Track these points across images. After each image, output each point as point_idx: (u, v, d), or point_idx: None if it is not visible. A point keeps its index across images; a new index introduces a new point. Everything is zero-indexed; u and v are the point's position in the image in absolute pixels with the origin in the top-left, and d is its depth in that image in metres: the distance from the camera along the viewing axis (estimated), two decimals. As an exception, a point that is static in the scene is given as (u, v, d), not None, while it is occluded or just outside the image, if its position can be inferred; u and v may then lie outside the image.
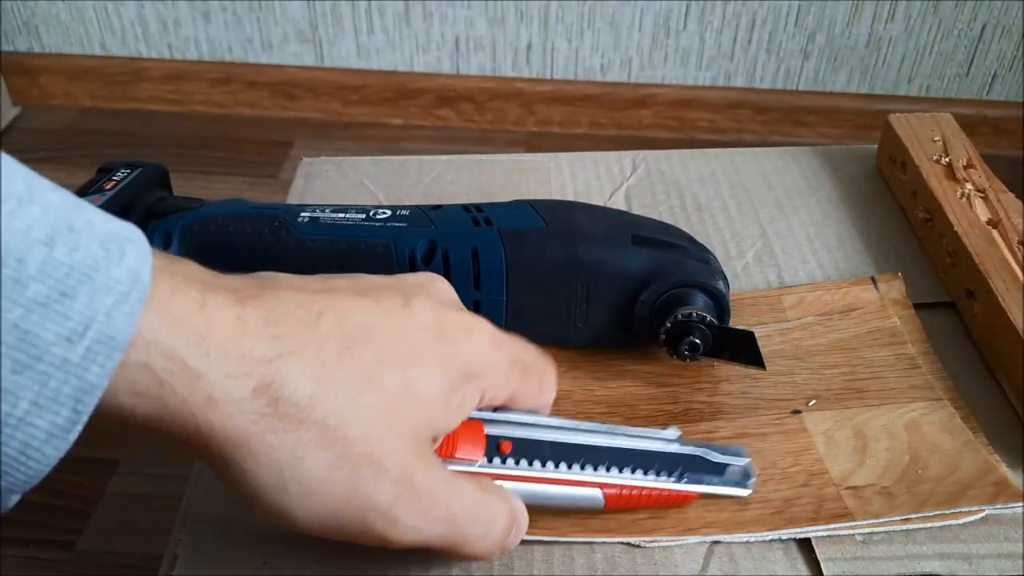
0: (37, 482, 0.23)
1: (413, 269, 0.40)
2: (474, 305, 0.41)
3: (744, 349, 0.39)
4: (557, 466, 0.33)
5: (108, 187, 0.43)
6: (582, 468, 0.34)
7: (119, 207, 0.42)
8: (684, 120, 1.37)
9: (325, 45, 1.38)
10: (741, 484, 0.35)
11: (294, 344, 0.26)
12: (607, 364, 0.41)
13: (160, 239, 0.41)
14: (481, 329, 0.31)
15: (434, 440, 0.30)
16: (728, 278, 0.41)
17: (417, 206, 0.42)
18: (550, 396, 0.34)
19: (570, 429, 0.34)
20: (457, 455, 0.32)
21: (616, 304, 0.40)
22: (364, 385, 0.27)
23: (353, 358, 0.27)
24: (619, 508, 0.34)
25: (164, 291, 0.24)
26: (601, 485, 0.33)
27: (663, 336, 0.39)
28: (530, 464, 0.33)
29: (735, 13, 1.26)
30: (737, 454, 0.35)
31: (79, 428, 0.23)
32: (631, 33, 1.30)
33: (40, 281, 0.22)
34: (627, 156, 0.55)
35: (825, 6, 1.24)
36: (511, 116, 1.44)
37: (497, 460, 0.33)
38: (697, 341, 0.38)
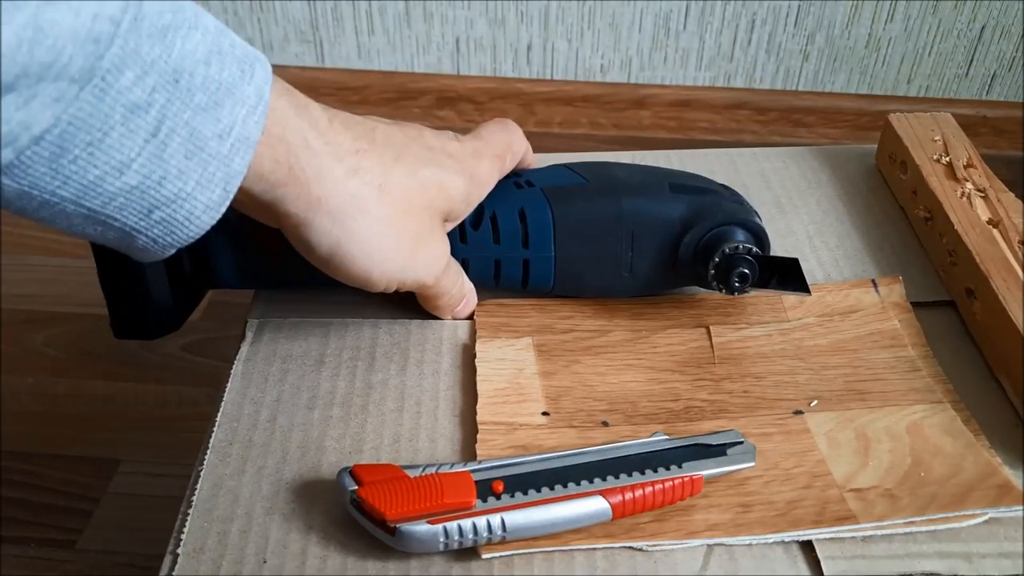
0: (190, 243, 0.32)
1: (463, 236, 0.42)
2: (523, 265, 0.42)
3: (789, 276, 0.41)
4: (553, 488, 0.33)
5: None
6: (578, 485, 0.33)
7: None
8: (684, 120, 1.37)
9: (326, 46, 1.38)
10: (746, 459, 0.35)
11: (366, 143, 0.36)
12: (607, 360, 0.41)
13: None
14: (463, 161, 0.40)
15: (445, 220, 0.40)
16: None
17: None
18: (529, 156, 0.44)
19: (557, 457, 0.34)
20: (449, 505, 0.32)
21: (661, 250, 0.42)
22: (412, 183, 0.37)
23: (405, 161, 0.37)
24: (628, 515, 0.34)
25: (283, 105, 0.33)
26: (603, 493, 0.33)
27: (712, 272, 0.40)
28: (525, 495, 0.33)
29: (735, 14, 1.26)
30: (731, 436, 0.35)
31: (227, 204, 0.31)
32: (631, 34, 1.30)
33: (203, 92, 0.29)
34: (627, 156, 0.55)
35: (824, 7, 1.24)
36: (511, 116, 1.43)
37: (492, 499, 0.33)
38: (746, 271, 0.40)
